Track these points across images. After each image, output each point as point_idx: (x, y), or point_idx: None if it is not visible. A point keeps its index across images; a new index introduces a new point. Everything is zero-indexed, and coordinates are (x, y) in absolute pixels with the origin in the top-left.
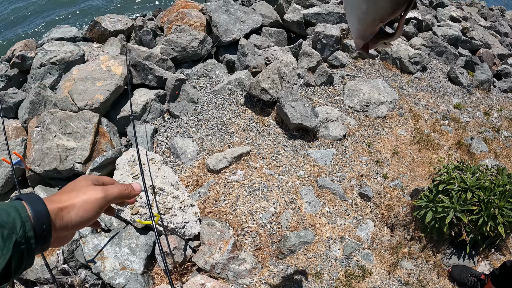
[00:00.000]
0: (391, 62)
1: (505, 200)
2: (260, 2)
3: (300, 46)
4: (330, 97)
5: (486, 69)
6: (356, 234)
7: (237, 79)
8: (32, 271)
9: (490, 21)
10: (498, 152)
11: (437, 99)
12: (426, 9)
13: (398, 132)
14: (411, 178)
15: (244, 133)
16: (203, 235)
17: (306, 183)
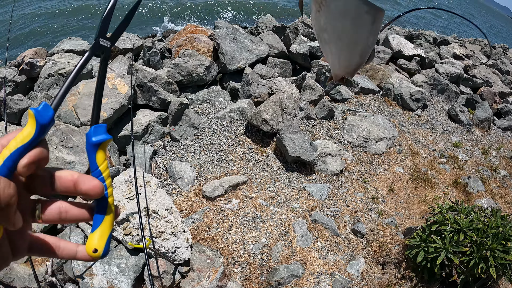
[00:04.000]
0: (393, 98)
1: (497, 242)
2: (268, 32)
3: (304, 78)
4: (330, 131)
5: (487, 107)
6: (346, 270)
7: (240, 107)
8: (19, 279)
9: (492, 59)
10: (495, 191)
11: (436, 137)
12: (429, 46)
13: (395, 169)
14: (406, 216)
15: (242, 162)
16: (193, 261)
17: (300, 217)
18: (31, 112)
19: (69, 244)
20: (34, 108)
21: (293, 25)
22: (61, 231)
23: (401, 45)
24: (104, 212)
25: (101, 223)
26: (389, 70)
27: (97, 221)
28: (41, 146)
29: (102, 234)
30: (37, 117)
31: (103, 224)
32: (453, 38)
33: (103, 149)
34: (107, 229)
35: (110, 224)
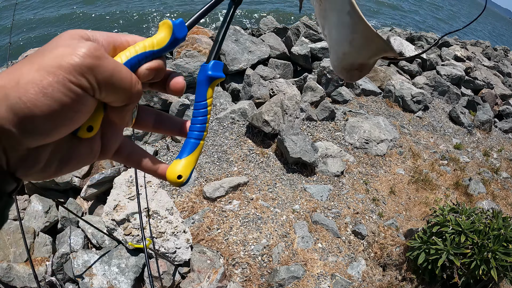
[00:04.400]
0: (394, 100)
1: (499, 244)
2: (269, 34)
3: (305, 80)
4: (331, 133)
5: (488, 109)
6: (347, 272)
7: (241, 108)
8: (19, 278)
9: (493, 61)
10: (496, 193)
11: (437, 139)
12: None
13: (396, 171)
14: (407, 218)
15: (243, 163)
16: (193, 262)
17: (301, 218)
18: (169, 23)
19: (155, 160)
20: (172, 21)
21: (294, 27)
22: (61, 231)
23: (402, 47)
24: (197, 140)
25: (192, 152)
26: (390, 71)
27: (187, 148)
28: (162, 59)
29: (189, 162)
30: (174, 29)
31: (193, 154)
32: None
33: (215, 84)
34: (195, 158)
35: (198, 155)
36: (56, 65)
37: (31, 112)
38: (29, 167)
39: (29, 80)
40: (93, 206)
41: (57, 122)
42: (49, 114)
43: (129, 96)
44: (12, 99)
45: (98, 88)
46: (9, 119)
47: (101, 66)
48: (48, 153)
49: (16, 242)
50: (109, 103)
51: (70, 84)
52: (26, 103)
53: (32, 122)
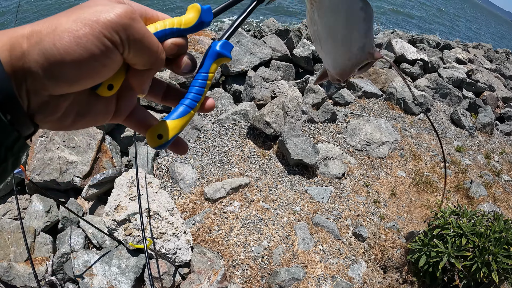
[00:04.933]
0: (395, 102)
1: (500, 247)
2: (271, 35)
3: (307, 82)
4: (332, 135)
5: (490, 112)
6: (347, 274)
7: (242, 110)
8: (19, 278)
9: (495, 64)
10: (497, 196)
11: (438, 141)
12: (432, 51)
13: (397, 173)
14: (408, 220)
15: (244, 164)
16: (194, 263)
17: (302, 220)
18: (198, 6)
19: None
20: (201, 5)
21: (296, 29)
22: (62, 231)
23: (404, 49)
24: (188, 107)
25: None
26: (392, 74)
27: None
28: (185, 38)
29: (175, 126)
30: (202, 13)
31: (181, 119)
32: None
33: (220, 62)
34: (181, 124)
35: (185, 122)
36: (94, 19)
37: (62, 59)
38: (48, 113)
39: (66, 28)
40: (94, 206)
41: (84, 72)
42: (78, 63)
43: (154, 61)
44: (46, 44)
45: (128, 46)
46: (40, 62)
47: (134, 27)
48: (67, 103)
49: (16, 241)
50: (133, 64)
51: (103, 38)
52: (59, 50)
53: (61, 68)
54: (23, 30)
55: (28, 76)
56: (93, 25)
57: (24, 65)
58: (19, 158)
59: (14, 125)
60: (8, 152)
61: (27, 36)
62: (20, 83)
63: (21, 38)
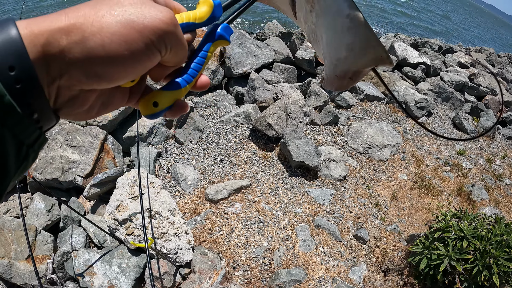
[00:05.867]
0: (397, 105)
1: (501, 250)
2: (274, 38)
3: (309, 84)
4: (334, 137)
5: (491, 116)
6: (348, 276)
7: (244, 112)
8: (19, 275)
9: (497, 68)
10: (499, 200)
11: (440, 145)
12: (435, 55)
13: (399, 176)
14: (409, 223)
15: (246, 166)
16: (195, 264)
17: (303, 221)
18: (211, 1)
19: None
20: (213, 0)
21: (299, 31)
22: (63, 230)
23: (406, 52)
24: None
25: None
26: (394, 77)
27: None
28: (193, 33)
29: (170, 96)
30: (214, 8)
31: (176, 92)
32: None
33: (218, 45)
34: (175, 96)
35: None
36: (142, 24)
37: (109, 60)
38: (76, 107)
39: (115, 31)
40: (95, 206)
41: (126, 72)
42: (124, 64)
43: (182, 59)
44: (92, 44)
45: (170, 51)
46: (82, 61)
47: (177, 34)
48: (95, 96)
49: (17, 239)
50: (165, 62)
51: (151, 44)
52: (108, 52)
53: (105, 68)
54: (58, 23)
55: (64, 73)
56: (143, 31)
57: (62, 63)
58: (38, 153)
59: (39, 122)
60: (30, 149)
61: (65, 30)
62: (53, 80)
63: (58, 33)
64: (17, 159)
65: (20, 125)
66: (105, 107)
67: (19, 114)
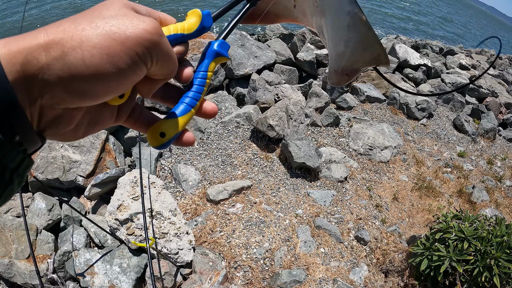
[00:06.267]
0: (398, 107)
1: (502, 251)
2: (275, 39)
3: (310, 86)
4: (335, 139)
5: (492, 117)
6: (349, 277)
7: (246, 113)
8: (20, 275)
9: (498, 70)
10: (500, 201)
11: (441, 146)
12: (436, 56)
13: (400, 177)
14: (410, 224)
15: (247, 167)
16: (196, 264)
17: (304, 222)
18: (199, 12)
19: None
20: (202, 11)
21: (300, 33)
22: (64, 229)
23: (407, 54)
24: (189, 106)
25: (182, 115)
26: (395, 79)
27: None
28: (185, 45)
29: (177, 124)
30: (203, 18)
31: (183, 117)
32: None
33: (217, 61)
34: (183, 123)
35: (187, 121)
36: (124, 35)
37: (91, 75)
38: (61, 127)
39: (95, 44)
40: (96, 206)
41: (110, 87)
42: (107, 79)
43: (172, 72)
44: (72, 59)
45: (156, 63)
46: (63, 78)
47: (163, 44)
48: (81, 114)
49: (18, 238)
50: (152, 76)
51: (135, 55)
52: (89, 66)
53: (87, 84)
54: (37, 40)
55: (45, 92)
56: (125, 42)
57: (42, 81)
58: (24, 177)
59: (22, 145)
60: (14, 174)
61: (44, 47)
62: (34, 99)
63: (37, 49)
64: (0, 184)
65: (1, 149)
66: (93, 126)
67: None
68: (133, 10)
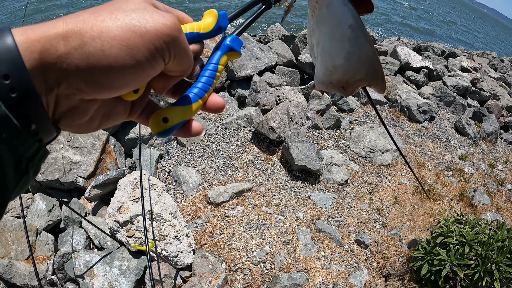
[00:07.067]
0: (400, 110)
1: (503, 256)
2: (277, 41)
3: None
4: (336, 141)
5: (494, 120)
6: (349, 281)
7: (247, 115)
8: (19, 276)
9: (500, 72)
10: (501, 205)
11: (442, 149)
12: (437, 59)
13: (401, 180)
14: (410, 228)
15: (248, 169)
16: (195, 267)
17: (304, 225)
18: (215, 12)
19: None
20: (218, 12)
21: (302, 35)
22: (64, 230)
23: (409, 56)
24: (197, 96)
25: (188, 104)
26: (396, 81)
27: (185, 100)
28: (200, 44)
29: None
30: (219, 18)
31: (189, 106)
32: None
33: (229, 56)
34: (189, 112)
35: (193, 111)
36: (144, 29)
37: (109, 66)
38: (76, 118)
39: (115, 35)
40: (97, 207)
41: (127, 80)
42: (125, 72)
43: (188, 69)
44: (91, 49)
45: (174, 58)
46: (81, 68)
47: (181, 39)
48: (96, 107)
49: (18, 239)
50: (169, 72)
51: (154, 49)
52: (108, 57)
53: (105, 76)
54: (56, 29)
55: (62, 81)
56: (145, 36)
57: (60, 70)
58: (40, 166)
59: (37, 134)
60: (30, 163)
61: (63, 36)
62: (50, 88)
63: (56, 39)
64: (16, 174)
65: (17, 137)
66: (107, 119)
67: (15, 125)
68: (153, 5)
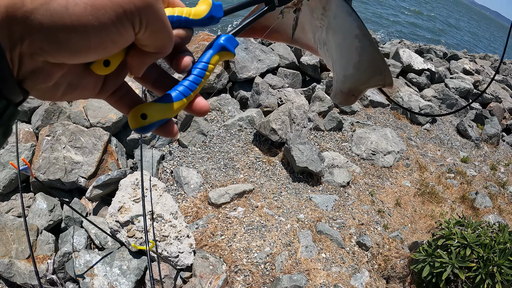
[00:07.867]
0: (402, 112)
1: (504, 258)
2: (279, 43)
3: (314, 90)
4: (338, 143)
5: (496, 123)
6: (350, 283)
7: (248, 116)
8: (20, 275)
9: (502, 75)
10: (503, 208)
11: (444, 152)
12: (440, 61)
13: (402, 183)
14: (412, 230)
15: (249, 170)
16: (196, 267)
17: (305, 227)
18: (210, 1)
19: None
20: (214, 1)
21: None
22: (64, 230)
23: (411, 59)
24: (181, 94)
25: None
26: (398, 83)
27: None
28: (190, 32)
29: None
30: (213, 8)
31: (172, 104)
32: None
33: (222, 56)
34: (171, 110)
35: (175, 109)
36: None
37: (72, 25)
38: (40, 81)
39: None
40: (98, 207)
41: (90, 43)
42: (87, 33)
43: (164, 45)
44: (56, 5)
45: (145, 27)
46: (44, 25)
47: (156, 7)
48: (61, 73)
49: (19, 238)
50: (142, 46)
51: (122, 13)
52: (71, 15)
53: (67, 35)
54: None
55: (26, 38)
56: None
57: (25, 25)
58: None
59: (2, 92)
60: None
61: None
62: (14, 44)
63: None
64: None
65: None
66: (72, 89)
67: None
68: None
